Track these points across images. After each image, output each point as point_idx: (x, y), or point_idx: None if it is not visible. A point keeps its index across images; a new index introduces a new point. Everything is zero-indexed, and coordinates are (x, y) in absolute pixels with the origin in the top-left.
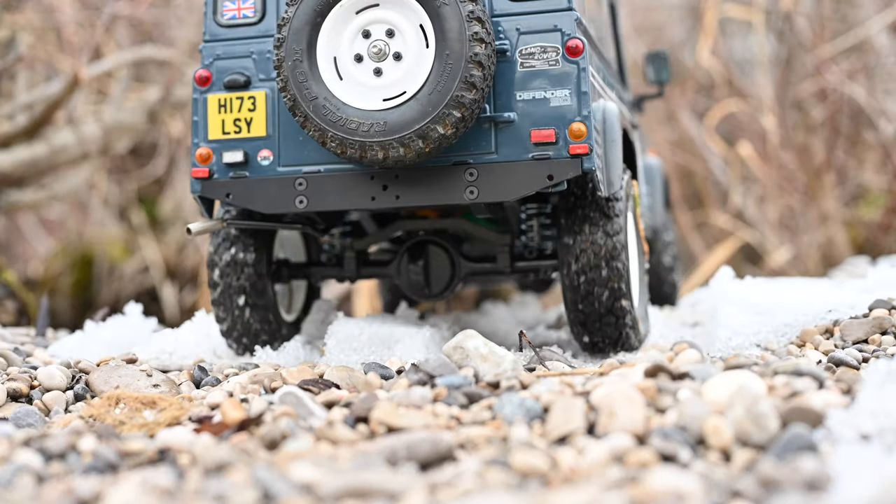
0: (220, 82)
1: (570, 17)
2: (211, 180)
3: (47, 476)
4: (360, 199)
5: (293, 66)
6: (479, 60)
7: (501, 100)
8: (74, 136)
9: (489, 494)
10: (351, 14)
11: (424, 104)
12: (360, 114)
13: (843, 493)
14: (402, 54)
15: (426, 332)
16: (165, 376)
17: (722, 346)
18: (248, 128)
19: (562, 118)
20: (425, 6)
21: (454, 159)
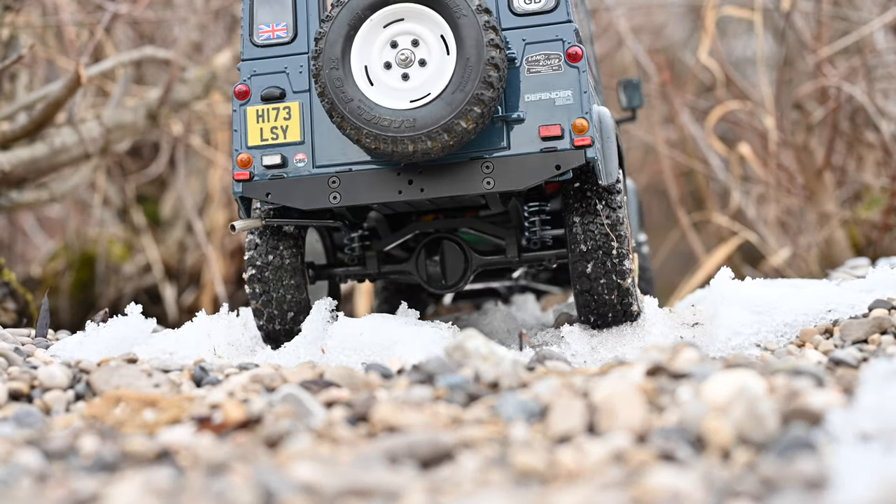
0: (257, 95)
1: (570, 28)
2: (251, 182)
3: (47, 476)
4: (389, 192)
5: (330, 74)
6: (495, 63)
7: (511, 101)
8: (75, 136)
9: (489, 494)
10: (379, 27)
11: (449, 102)
12: (392, 113)
13: (843, 493)
14: (427, 61)
15: (426, 332)
16: (166, 376)
17: (722, 346)
18: (284, 134)
19: (566, 115)
20: (446, 18)
21: (471, 154)
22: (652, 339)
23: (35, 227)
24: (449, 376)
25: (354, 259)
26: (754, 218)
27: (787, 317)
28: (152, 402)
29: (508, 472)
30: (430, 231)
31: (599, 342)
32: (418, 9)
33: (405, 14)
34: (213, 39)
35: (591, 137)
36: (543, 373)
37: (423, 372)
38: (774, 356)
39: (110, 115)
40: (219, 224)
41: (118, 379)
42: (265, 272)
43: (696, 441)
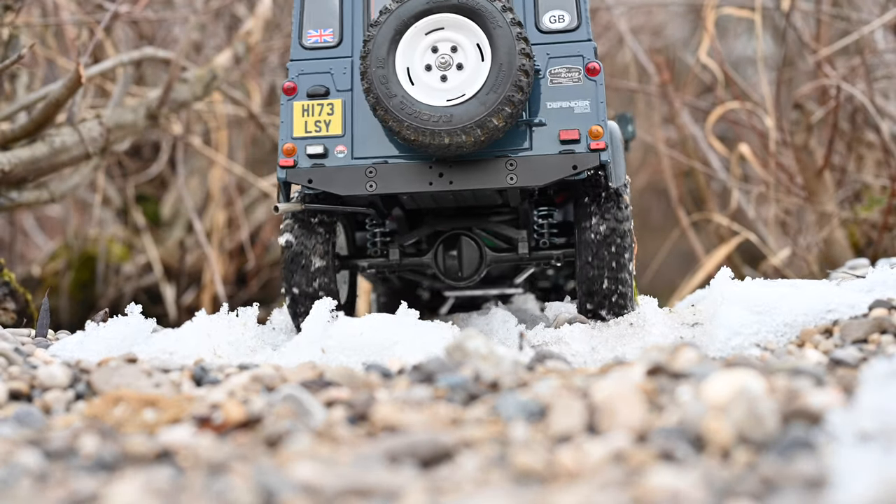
0: (303, 92)
1: (590, 46)
2: (295, 169)
3: (47, 476)
4: (420, 183)
5: (376, 72)
6: (525, 70)
7: (535, 108)
8: (75, 136)
9: (489, 494)
10: (422, 34)
11: (483, 102)
12: (431, 109)
13: (843, 493)
14: (464, 65)
15: (426, 332)
16: (166, 376)
17: (722, 346)
18: (326, 128)
19: (584, 122)
20: (483, 29)
21: (497, 153)
22: (652, 339)
23: (35, 227)
24: (449, 376)
25: (378, 251)
26: (754, 218)
27: (787, 317)
28: (152, 402)
29: (508, 472)
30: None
31: (599, 342)
32: (458, 19)
33: (446, 23)
34: (213, 39)
35: (606, 142)
36: (543, 373)
37: (423, 372)
38: (774, 356)
39: (110, 115)
40: (219, 224)
41: (118, 379)
42: (300, 255)
43: (696, 441)
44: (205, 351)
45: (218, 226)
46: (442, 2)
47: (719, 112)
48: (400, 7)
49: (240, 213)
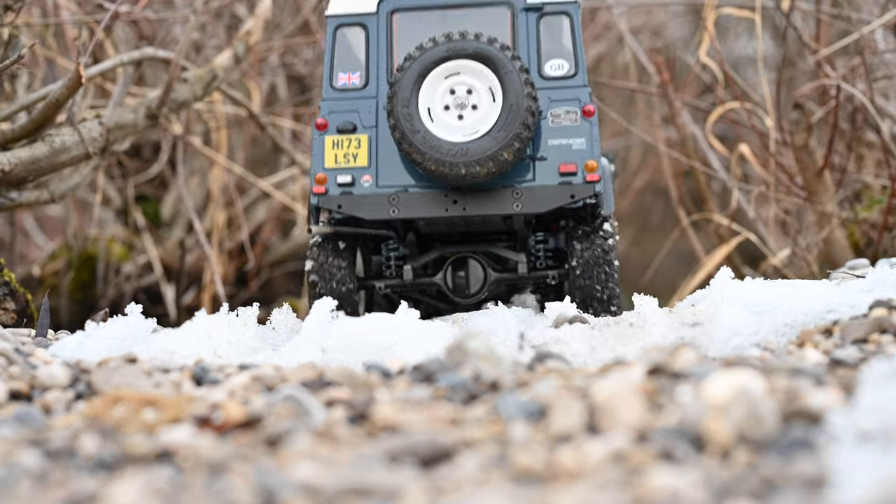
0: (333, 128)
1: (586, 91)
2: (326, 195)
3: (47, 476)
4: (437, 209)
5: (402, 111)
6: (531, 110)
7: (537, 145)
8: (75, 136)
9: (489, 494)
10: (441, 78)
11: (495, 138)
12: (449, 144)
13: (843, 493)
14: (478, 105)
15: (426, 332)
16: (166, 376)
17: (722, 346)
18: (354, 160)
19: (580, 157)
20: (495, 74)
21: (504, 183)
22: (652, 339)
23: (35, 227)
24: (449, 376)
25: (393, 273)
26: (754, 218)
27: (787, 317)
28: (152, 402)
29: (508, 472)
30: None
31: (599, 342)
32: (473, 65)
33: (462, 69)
34: (213, 39)
35: (600, 175)
36: (543, 373)
37: (423, 372)
38: (774, 356)
39: (110, 115)
40: (219, 224)
41: (118, 379)
42: (325, 274)
43: (696, 441)
44: (205, 351)
45: (218, 226)
46: (459, 50)
47: (719, 112)
48: (423, 54)
49: (240, 213)
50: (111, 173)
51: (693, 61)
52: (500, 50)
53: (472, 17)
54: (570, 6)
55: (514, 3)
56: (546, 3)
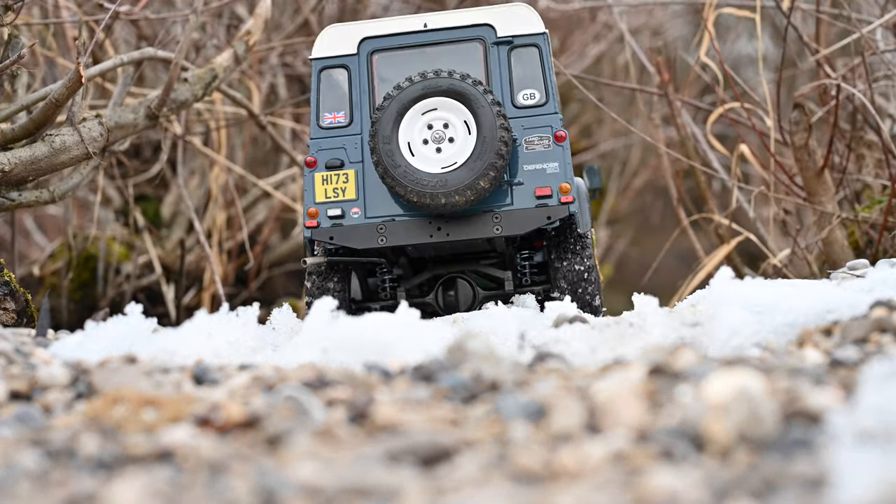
0: (322, 164)
1: (557, 118)
2: (318, 228)
3: (47, 476)
4: (422, 236)
5: (384, 148)
6: (504, 141)
7: (514, 170)
8: (75, 136)
9: (489, 494)
10: (419, 115)
11: (471, 168)
12: (429, 175)
13: (843, 493)
14: (455, 138)
15: (426, 332)
16: (166, 376)
17: (722, 346)
18: (342, 193)
19: (555, 180)
20: (469, 109)
21: (484, 208)
22: (652, 339)
23: (35, 227)
24: (449, 376)
25: (387, 295)
26: (754, 218)
27: (787, 317)
28: (152, 401)
29: (508, 472)
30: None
31: (599, 342)
32: (448, 101)
33: (438, 105)
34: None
35: (573, 196)
36: (543, 373)
37: (423, 372)
38: (774, 356)
39: (110, 115)
40: (219, 224)
41: (118, 379)
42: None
43: (696, 441)
44: (205, 351)
45: (218, 226)
46: (435, 87)
47: (719, 112)
48: (400, 93)
49: (240, 213)
50: (111, 173)
51: (693, 61)
52: (472, 86)
53: (447, 53)
54: (539, 37)
55: (485, 37)
56: (515, 35)
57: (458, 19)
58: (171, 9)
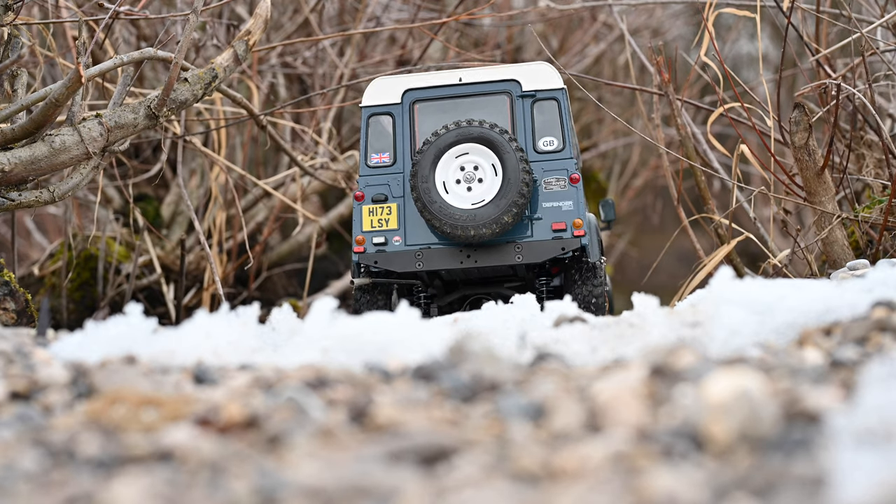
0: (369, 198)
1: (572, 162)
2: (365, 253)
3: (47, 476)
4: (454, 262)
5: (422, 186)
6: (526, 182)
7: (534, 207)
8: (75, 135)
9: (489, 494)
10: (453, 157)
11: (497, 205)
12: (461, 211)
13: (843, 494)
14: (483, 179)
15: (426, 332)
16: (166, 376)
17: (722, 346)
18: (386, 224)
19: (569, 216)
20: (496, 154)
21: (508, 239)
22: (652, 339)
23: (35, 227)
24: (449, 376)
25: (423, 311)
26: (754, 218)
27: (787, 317)
28: (152, 401)
29: (508, 472)
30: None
31: (599, 342)
32: (478, 147)
33: (470, 150)
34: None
35: (585, 230)
36: (543, 373)
37: (423, 372)
38: (775, 356)
39: (110, 115)
40: (219, 224)
41: (118, 379)
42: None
43: (696, 441)
44: (205, 351)
45: (218, 226)
46: (467, 135)
47: (719, 112)
48: (438, 139)
49: (240, 213)
50: (111, 173)
51: (693, 61)
52: (499, 134)
53: (478, 103)
54: (558, 92)
55: (512, 91)
56: (538, 90)
57: (488, 74)
58: (171, 9)
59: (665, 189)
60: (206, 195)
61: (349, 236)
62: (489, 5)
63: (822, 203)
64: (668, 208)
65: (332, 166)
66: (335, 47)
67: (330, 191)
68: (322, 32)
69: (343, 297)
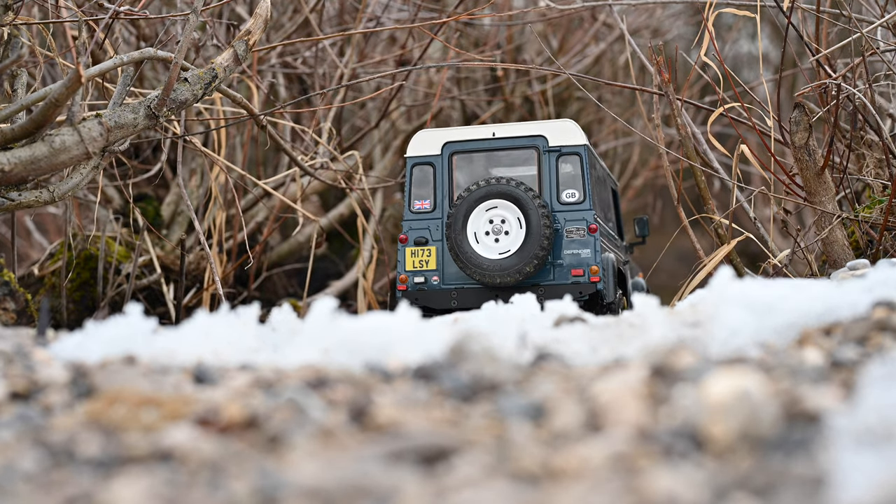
0: (411, 241)
1: (591, 213)
2: (407, 291)
3: (47, 477)
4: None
5: (456, 235)
6: (547, 236)
7: (556, 253)
8: (75, 135)
9: (489, 494)
10: (483, 211)
11: (520, 256)
12: (488, 260)
13: (843, 494)
14: (509, 232)
15: (426, 332)
16: (166, 376)
17: (722, 346)
18: (426, 265)
19: (587, 263)
20: (521, 209)
21: (531, 282)
22: (652, 339)
23: (35, 227)
24: (449, 376)
25: None
26: (754, 218)
27: (788, 317)
28: (152, 401)
29: (508, 472)
30: None
31: (600, 342)
32: (505, 202)
33: (498, 205)
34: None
35: (600, 276)
36: (543, 373)
37: (424, 372)
38: (774, 356)
39: (110, 115)
40: (219, 224)
41: (118, 379)
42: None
43: (696, 441)
44: (205, 351)
45: (218, 226)
46: (495, 192)
47: (719, 112)
48: (470, 195)
49: (240, 213)
50: (111, 173)
51: (693, 61)
52: (524, 192)
53: (510, 155)
54: (580, 148)
55: (539, 146)
56: (563, 146)
57: (518, 130)
58: (171, 9)
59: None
60: (206, 195)
61: (349, 236)
62: (489, 5)
63: (822, 203)
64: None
65: (332, 166)
66: (335, 47)
67: (330, 191)
68: (322, 32)
69: (343, 297)
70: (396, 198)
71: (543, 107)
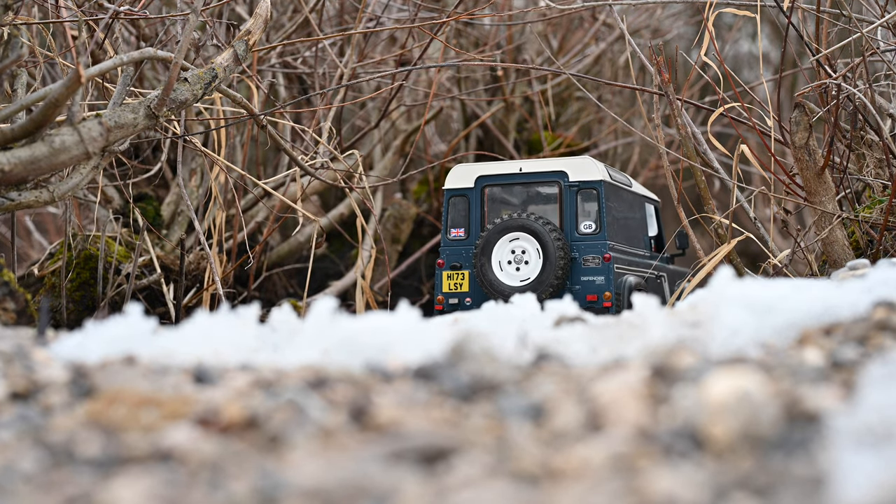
0: (448, 265)
1: (606, 244)
2: (443, 311)
3: (47, 477)
4: None
5: (482, 263)
6: (562, 266)
7: (575, 279)
8: (75, 135)
9: (489, 494)
10: (506, 242)
11: (539, 283)
12: (510, 287)
13: (843, 494)
14: (529, 261)
15: (426, 331)
16: (166, 376)
17: (722, 347)
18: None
19: (601, 289)
20: (539, 241)
21: None
22: (652, 339)
23: (35, 227)
24: (449, 376)
25: None
26: (754, 218)
27: (788, 317)
28: (152, 401)
29: (508, 472)
30: None
31: (599, 342)
32: (526, 235)
33: (520, 237)
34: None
35: (612, 302)
36: (544, 373)
37: (424, 372)
38: (774, 356)
39: (110, 114)
40: (219, 224)
41: (118, 379)
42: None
43: (696, 441)
44: (205, 351)
45: (218, 226)
46: (516, 225)
47: (719, 112)
48: (494, 227)
49: (240, 213)
50: (111, 173)
51: (693, 61)
52: (542, 225)
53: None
54: (598, 184)
55: (561, 181)
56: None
57: (543, 166)
58: (171, 9)
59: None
60: (206, 195)
61: (349, 236)
62: (489, 5)
63: (823, 203)
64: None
65: (332, 166)
66: (335, 47)
67: (330, 191)
68: (322, 32)
69: (343, 297)
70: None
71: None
